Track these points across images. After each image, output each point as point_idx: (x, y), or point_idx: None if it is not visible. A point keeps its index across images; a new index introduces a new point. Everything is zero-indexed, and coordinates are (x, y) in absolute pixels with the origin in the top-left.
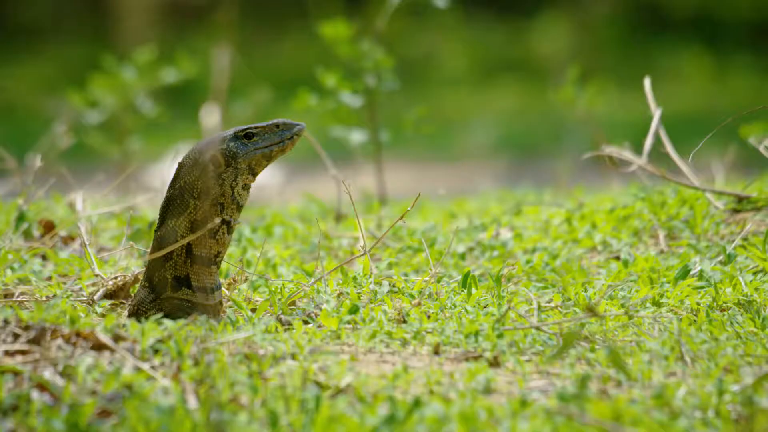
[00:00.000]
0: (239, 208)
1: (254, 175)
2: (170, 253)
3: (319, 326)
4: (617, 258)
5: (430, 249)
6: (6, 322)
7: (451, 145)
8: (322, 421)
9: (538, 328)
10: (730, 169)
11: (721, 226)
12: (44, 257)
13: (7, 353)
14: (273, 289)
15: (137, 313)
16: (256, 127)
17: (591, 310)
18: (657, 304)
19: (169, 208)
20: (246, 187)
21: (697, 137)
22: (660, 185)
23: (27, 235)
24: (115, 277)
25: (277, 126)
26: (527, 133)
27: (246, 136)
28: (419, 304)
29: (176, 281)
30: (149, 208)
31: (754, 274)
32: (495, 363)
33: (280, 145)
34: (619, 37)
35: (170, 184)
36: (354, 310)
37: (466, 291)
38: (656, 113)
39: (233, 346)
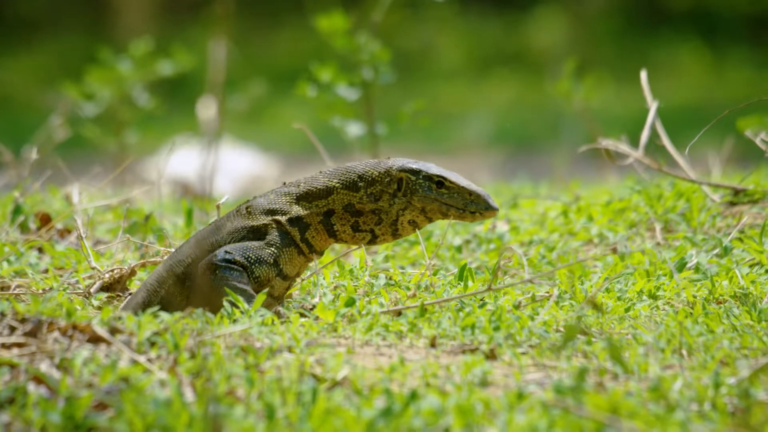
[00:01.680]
0: (395, 234)
1: (428, 219)
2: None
3: (316, 319)
4: (614, 251)
5: (426, 242)
6: (2, 314)
7: (447, 137)
8: (319, 414)
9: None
10: (727, 161)
11: (717, 218)
12: (41, 250)
13: (3, 346)
14: None
15: None
16: (452, 181)
17: (592, 304)
18: (653, 296)
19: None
20: (413, 223)
21: (694, 130)
22: (656, 178)
23: (23, 227)
24: (112, 270)
25: (471, 194)
26: (524, 126)
27: (438, 183)
28: (414, 295)
29: None
30: (145, 200)
31: (751, 266)
32: (491, 355)
33: (459, 212)
34: (616, 30)
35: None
36: (350, 302)
37: (462, 283)
38: (653, 106)
39: (230, 339)
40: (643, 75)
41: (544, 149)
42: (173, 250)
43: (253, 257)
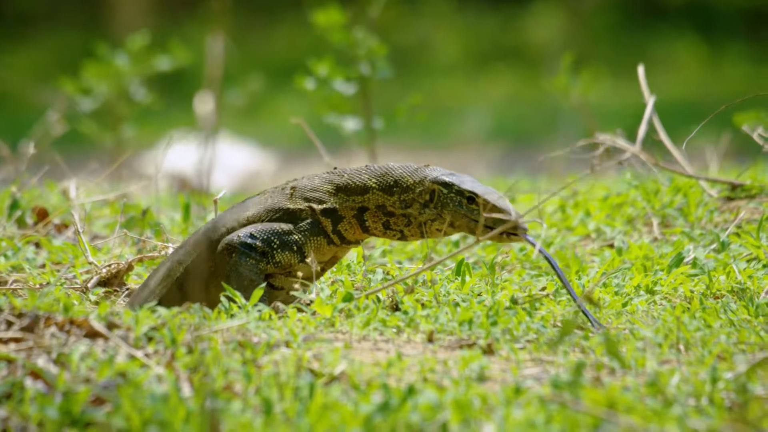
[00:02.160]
0: (422, 235)
1: (456, 231)
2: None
3: (313, 314)
4: (611, 246)
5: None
6: (0, 309)
7: (444, 132)
8: (316, 409)
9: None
10: (724, 156)
11: (714, 213)
12: (38, 245)
13: (0, 341)
14: None
15: None
16: (485, 199)
17: (588, 299)
18: (651, 291)
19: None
20: (440, 231)
21: (691, 125)
22: (654, 173)
23: (20, 222)
24: (109, 265)
25: (501, 213)
26: (521, 121)
27: (469, 198)
28: (412, 290)
29: None
30: (143, 195)
31: (748, 261)
32: (489, 350)
33: (486, 230)
34: (613, 25)
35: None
36: (348, 297)
37: (460, 279)
38: (650, 101)
39: (227, 334)
40: (641, 70)
41: (542, 144)
42: (171, 245)
43: (277, 242)
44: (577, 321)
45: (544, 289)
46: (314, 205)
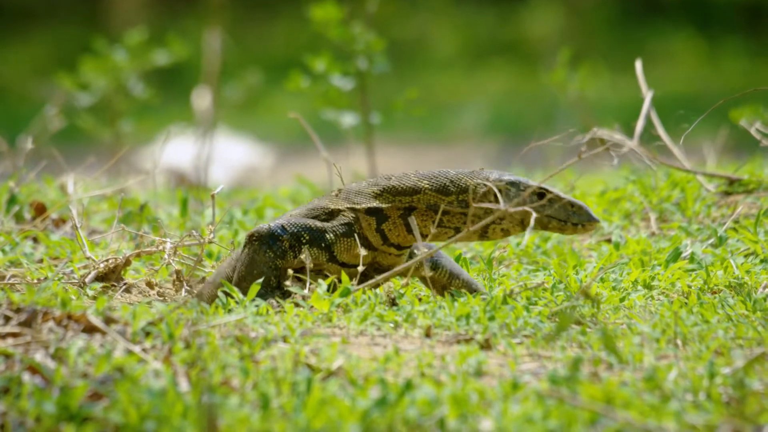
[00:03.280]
0: (482, 236)
1: (523, 229)
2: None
3: (311, 309)
4: (608, 240)
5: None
6: None
7: (442, 127)
8: (314, 404)
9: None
10: (722, 151)
11: (712, 208)
12: (35, 240)
13: None
14: None
15: None
16: (553, 194)
17: (585, 294)
18: (648, 286)
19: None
20: (504, 231)
21: (689, 120)
22: (651, 168)
23: (18, 217)
24: (107, 260)
25: (572, 206)
26: (518, 116)
27: (539, 194)
28: (408, 284)
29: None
30: (140, 190)
31: (746, 256)
32: (486, 345)
33: (561, 223)
34: (611, 19)
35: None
36: (345, 292)
37: None
38: (647, 96)
39: (224, 329)
40: (638, 65)
41: (539, 139)
42: (168, 240)
43: (307, 237)
44: (575, 316)
45: (541, 284)
46: (356, 205)
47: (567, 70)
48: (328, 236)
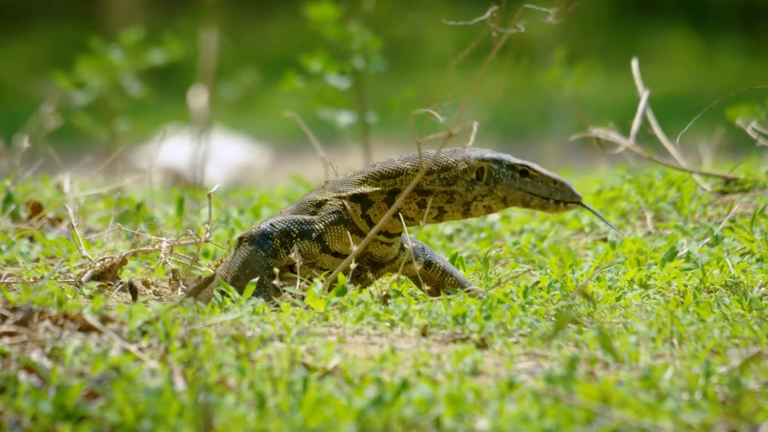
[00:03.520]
0: (465, 213)
1: (506, 206)
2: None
3: (307, 308)
4: (604, 240)
5: (417, 230)
6: None
7: (437, 125)
8: (310, 403)
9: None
10: (718, 150)
11: (708, 207)
12: (32, 239)
13: None
14: None
15: None
16: (536, 170)
17: (581, 293)
18: (644, 285)
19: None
20: (487, 208)
21: (685, 119)
22: (647, 167)
23: (14, 216)
24: (103, 259)
25: (555, 183)
26: (514, 115)
27: (521, 172)
28: (398, 280)
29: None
30: (137, 189)
31: (742, 255)
32: (482, 345)
33: (543, 201)
34: (607, 18)
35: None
36: (342, 291)
37: None
38: (643, 95)
39: (221, 328)
40: (634, 64)
41: (535, 138)
42: (164, 239)
43: (297, 231)
44: (572, 315)
45: (537, 283)
46: (342, 193)
47: (563, 69)
48: (317, 227)
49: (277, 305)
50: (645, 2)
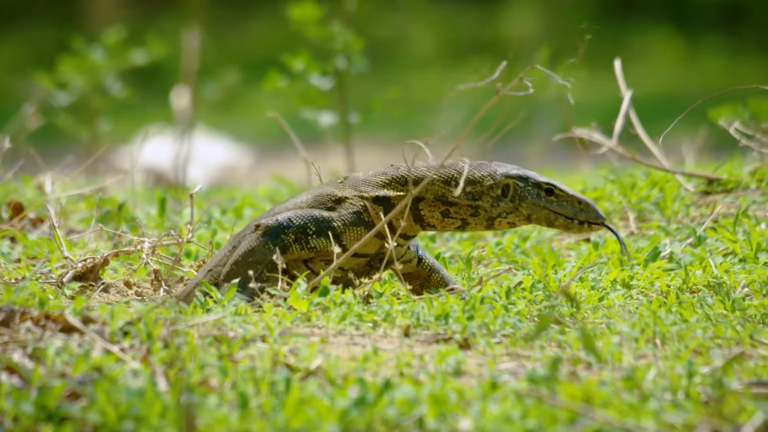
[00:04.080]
0: (489, 227)
1: (529, 224)
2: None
3: (290, 308)
4: (587, 240)
5: None
6: None
7: (420, 127)
8: (292, 404)
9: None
10: (701, 151)
11: (691, 208)
12: (13, 239)
13: None
14: None
15: None
16: (561, 190)
17: (564, 294)
18: (627, 286)
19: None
20: (511, 224)
21: (668, 119)
22: (630, 167)
23: None
24: (85, 259)
25: (580, 203)
26: (497, 115)
27: (547, 191)
28: (380, 279)
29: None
30: (118, 190)
31: (724, 256)
32: (465, 345)
33: (568, 221)
34: (589, 18)
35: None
36: (324, 292)
37: None
38: (626, 95)
39: (203, 329)
40: (617, 64)
41: (518, 138)
42: (146, 239)
43: (314, 228)
44: (554, 316)
45: (520, 283)
46: (365, 194)
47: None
48: (335, 224)
49: (260, 305)
50: (628, 2)
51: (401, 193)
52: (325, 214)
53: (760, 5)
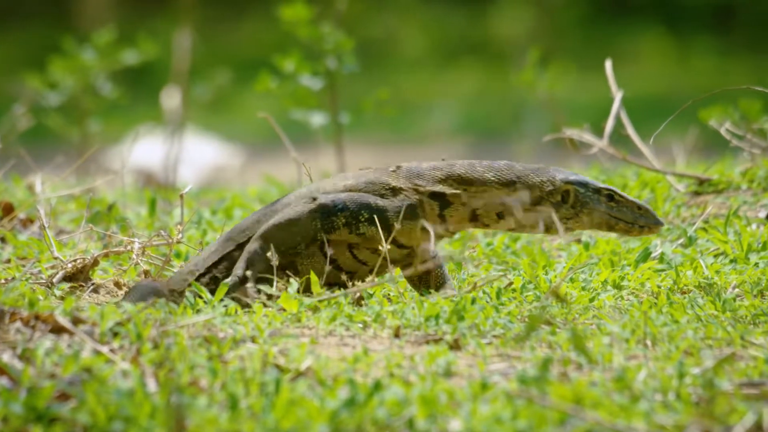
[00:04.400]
0: (547, 231)
1: (587, 229)
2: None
3: (280, 309)
4: (578, 240)
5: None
6: None
7: (411, 127)
8: (282, 404)
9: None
10: (691, 151)
11: (682, 208)
12: (3, 240)
13: None
14: None
15: None
16: (621, 195)
17: (555, 295)
18: (618, 286)
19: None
20: (569, 230)
21: (659, 120)
22: (621, 168)
23: None
24: (75, 260)
25: (639, 208)
26: (488, 116)
27: (608, 196)
28: (375, 284)
29: None
30: (109, 190)
31: (715, 256)
32: (455, 346)
33: (628, 225)
34: (580, 19)
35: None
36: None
37: None
38: (617, 95)
39: (193, 329)
40: (608, 65)
41: (509, 138)
42: (136, 240)
43: (366, 216)
44: (545, 316)
45: (511, 284)
46: (421, 187)
47: (536, 70)
48: (389, 216)
49: (270, 296)
50: (618, 3)
51: (457, 191)
52: (380, 203)
53: (751, 6)
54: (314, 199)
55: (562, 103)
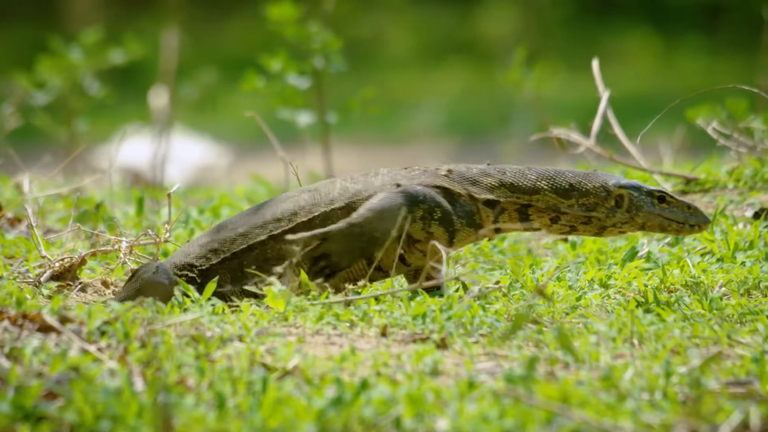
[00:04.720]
0: (598, 234)
1: (640, 231)
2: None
3: (267, 308)
4: (565, 239)
5: None
6: None
7: (398, 126)
8: (269, 403)
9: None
10: (678, 150)
11: None
12: None
13: None
14: None
15: None
16: (672, 196)
17: (540, 293)
18: (604, 285)
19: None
20: (622, 233)
21: (646, 119)
22: (608, 167)
23: None
24: (62, 259)
25: (689, 207)
26: (474, 115)
27: (660, 198)
28: (365, 285)
29: None
30: (96, 189)
31: (702, 255)
32: (442, 345)
33: (680, 225)
34: (567, 18)
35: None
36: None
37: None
38: (604, 95)
39: (180, 328)
40: (595, 64)
41: (495, 138)
42: (124, 239)
43: (439, 215)
44: (532, 315)
45: (498, 282)
46: (476, 195)
47: (523, 69)
48: (454, 219)
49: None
50: (605, 2)
51: (510, 199)
52: (447, 206)
53: (738, 5)
54: (399, 184)
55: (548, 102)
